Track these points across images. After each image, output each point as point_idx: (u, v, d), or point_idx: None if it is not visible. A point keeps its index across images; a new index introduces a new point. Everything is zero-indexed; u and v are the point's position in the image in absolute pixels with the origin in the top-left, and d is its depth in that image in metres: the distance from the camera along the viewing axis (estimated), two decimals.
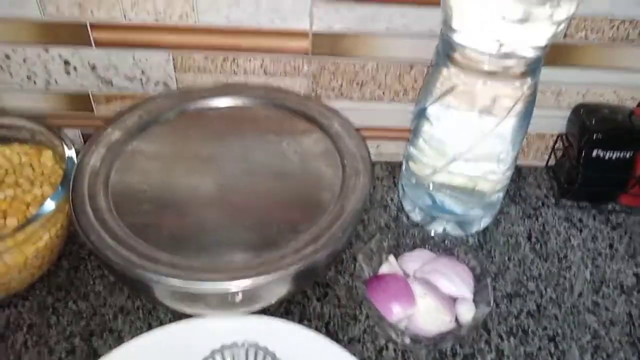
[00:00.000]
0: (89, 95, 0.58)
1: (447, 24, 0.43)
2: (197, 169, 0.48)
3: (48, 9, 0.51)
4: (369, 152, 0.49)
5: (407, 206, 0.56)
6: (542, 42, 0.41)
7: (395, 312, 0.42)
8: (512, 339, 0.47)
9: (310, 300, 0.48)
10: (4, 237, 0.42)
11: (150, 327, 0.45)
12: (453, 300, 0.44)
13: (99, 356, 0.42)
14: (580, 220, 0.58)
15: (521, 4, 0.37)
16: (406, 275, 0.47)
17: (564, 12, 0.39)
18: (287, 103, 0.54)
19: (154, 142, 0.50)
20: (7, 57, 0.55)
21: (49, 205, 0.44)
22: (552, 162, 0.63)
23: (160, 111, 0.52)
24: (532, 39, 0.41)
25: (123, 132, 0.50)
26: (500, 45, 0.40)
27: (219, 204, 0.45)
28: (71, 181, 0.45)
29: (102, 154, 0.47)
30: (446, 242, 0.49)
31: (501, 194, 0.54)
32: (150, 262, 0.39)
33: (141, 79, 0.57)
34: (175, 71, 0.56)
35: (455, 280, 0.44)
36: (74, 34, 0.53)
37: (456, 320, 0.44)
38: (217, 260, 0.40)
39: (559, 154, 0.62)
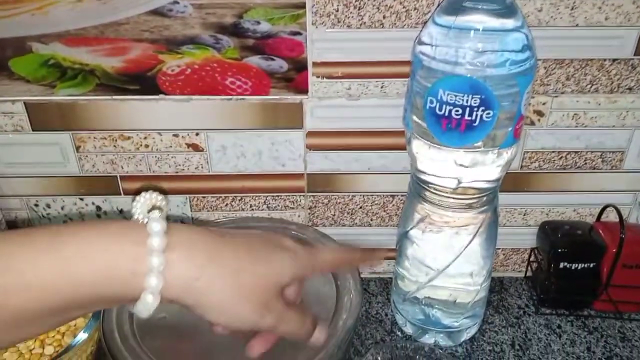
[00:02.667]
0: None
1: (414, 167, 0.53)
2: None
3: (85, 167, 0.62)
4: (359, 273, 0.56)
5: (399, 320, 0.62)
6: (494, 177, 0.50)
7: None
8: None
9: None
10: None
11: None
12: None
13: None
14: (559, 327, 0.63)
15: (469, 153, 0.47)
16: None
17: (505, 157, 0.48)
18: (287, 232, 0.62)
19: None
20: (48, 206, 0.65)
21: (82, 335, 0.51)
22: (529, 273, 0.70)
23: None
24: (484, 176, 0.50)
25: None
26: (459, 182, 0.49)
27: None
28: (102, 312, 0.52)
29: None
30: (435, 352, 0.55)
31: (482, 305, 0.60)
32: None
33: None
34: (191, 210, 0.65)
35: None
36: (106, 185, 0.63)
37: None
38: None
39: (534, 265, 0.69)
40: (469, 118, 0.44)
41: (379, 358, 0.54)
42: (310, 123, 0.59)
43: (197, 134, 0.60)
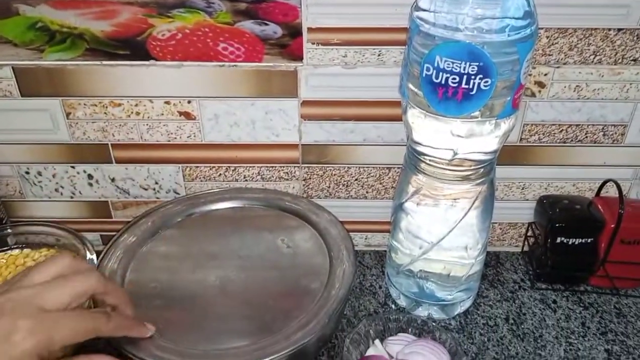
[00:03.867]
0: (108, 203, 0.66)
1: (410, 138, 0.51)
2: (201, 265, 0.55)
3: (76, 134, 0.61)
4: (353, 244, 0.56)
5: (393, 293, 0.62)
6: (491, 149, 0.49)
7: None
8: None
9: None
10: None
11: None
12: None
13: None
14: (554, 302, 0.63)
15: (466, 124, 0.46)
16: (390, 357, 0.52)
17: (503, 128, 0.47)
18: (281, 203, 0.61)
19: (164, 243, 0.57)
20: (39, 173, 0.64)
21: None
22: (526, 248, 0.69)
23: (170, 216, 0.60)
24: (481, 147, 0.49)
25: (137, 236, 0.57)
26: (455, 153, 0.48)
27: (220, 297, 0.51)
28: None
29: (119, 256, 0.55)
30: (428, 325, 0.54)
31: (476, 278, 0.59)
32: (159, 350, 0.45)
33: (154, 188, 0.65)
34: (184, 180, 0.64)
35: None
36: (97, 153, 0.62)
37: None
38: (218, 347, 0.46)
39: (531, 240, 0.68)
40: (466, 86, 0.43)
41: (371, 330, 0.54)
42: (305, 92, 0.58)
43: (189, 102, 0.58)
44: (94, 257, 0.55)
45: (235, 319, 0.49)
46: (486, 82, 0.43)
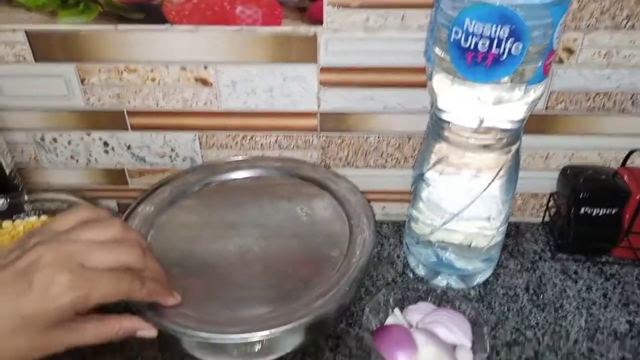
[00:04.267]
0: (124, 170, 0.66)
1: (434, 105, 0.50)
2: (220, 235, 0.54)
3: (91, 100, 0.60)
4: (373, 213, 0.55)
5: (412, 262, 0.61)
6: (518, 117, 0.48)
7: (399, 359, 0.47)
8: None
9: (322, 352, 0.52)
10: None
11: None
12: (453, 348, 0.49)
13: None
14: (576, 272, 0.62)
15: (494, 90, 0.44)
16: (410, 325, 0.51)
17: (532, 94, 0.45)
18: (300, 171, 0.60)
19: (182, 213, 0.57)
20: (55, 140, 0.63)
21: None
22: (547, 218, 0.68)
23: (187, 185, 0.59)
24: (508, 115, 0.47)
25: (155, 205, 0.56)
26: (481, 121, 0.47)
27: (240, 265, 0.51)
28: None
29: (137, 225, 0.54)
30: (448, 294, 0.54)
31: (497, 249, 0.59)
32: (180, 317, 0.44)
33: (170, 156, 0.64)
34: (200, 148, 0.63)
35: (454, 330, 0.49)
36: (112, 120, 0.61)
37: None
38: (238, 315, 0.46)
39: (553, 211, 0.67)
40: (497, 51, 0.41)
41: (391, 299, 0.54)
42: (325, 57, 0.56)
43: (205, 67, 0.57)
44: None
45: (255, 287, 0.49)
46: (517, 46, 0.41)
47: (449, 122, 0.49)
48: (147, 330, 0.43)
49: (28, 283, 0.35)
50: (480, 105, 0.46)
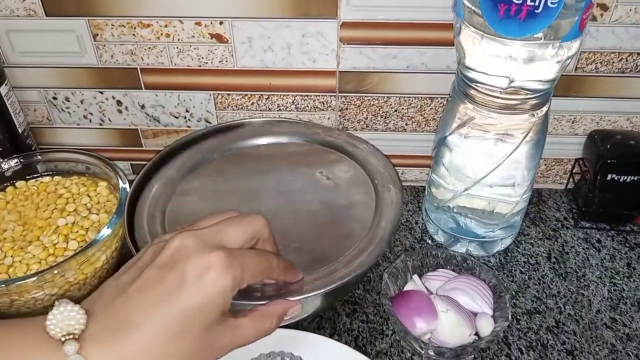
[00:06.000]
0: (138, 131, 0.64)
1: (461, 63, 0.47)
2: (243, 202, 0.52)
3: (104, 57, 0.58)
4: (396, 171, 0.54)
5: (431, 229, 0.60)
6: (549, 77, 0.45)
7: (419, 326, 0.46)
8: (531, 352, 0.49)
9: (340, 316, 0.52)
10: (69, 259, 0.47)
11: None
12: (473, 315, 0.48)
13: None
14: (599, 241, 0.60)
15: (526, 47, 0.42)
16: (429, 292, 0.50)
17: (566, 52, 0.43)
18: (316, 136, 0.58)
19: (200, 180, 0.55)
20: (67, 99, 0.62)
21: (106, 230, 0.49)
22: (570, 185, 0.66)
23: (208, 151, 0.57)
24: (539, 75, 0.45)
25: (177, 169, 0.55)
26: (510, 81, 0.44)
27: None
28: (125, 210, 0.50)
29: (157, 190, 0.53)
30: (468, 262, 0.53)
31: (520, 216, 0.57)
32: None
33: (185, 116, 0.62)
34: (215, 108, 0.62)
35: (475, 297, 0.48)
36: (126, 77, 0.59)
37: (476, 333, 0.47)
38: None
39: (577, 177, 0.65)
40: (532, 3, 0.39)
41: (409, 265, 0.53)
42: (346, 12, 0.53)
43: (220, 23, 0.55)
44: (127, 185, 0.54)
45: (286, 252, 0.47)
46: None
47: (476, 82, 0.47)
48: (295, 307, 0.40)
49: (180, 276, 0.32)
50: (511, 64, 0.43)
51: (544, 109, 0.48)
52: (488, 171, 0.50)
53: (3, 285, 0.44)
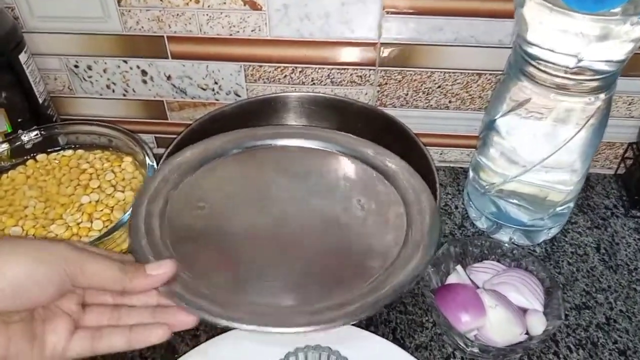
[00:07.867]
0: (163, 103, 0.61)
1: (521, 37, 0.43)
2: (254, 205, 0.46)
3: (129, 23, 0.54)
4: (429, 191, 0.46)
5: (473, 214, 0.56)
6: (620, 57, 0.41)
7: (465, 321, 0.43)
8: (581, 351, 0.46)
9: None
10: (94, 241, 0.45)
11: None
12: (523, 312, 0.44)
13: (177, 353, 0.44)
14: None
15: (600, 22, 0.37)
16: (475, 286, 0.47)
17: None
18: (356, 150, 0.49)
19: (217, 175, 0.48)
20: (89, 67, 0.59)
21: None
22: (621, 170, 0.62)
23: (228, 146, 0.50)
24: (610, 54, 0.40)
25: (189, 163, 0.48)
26: (578, 60, 0.40)
27: (269, 243, 0.43)
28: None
29: (173, 171, 0.47)
30: (514, 252, 0.49)
31: (571, 205, 0.53)
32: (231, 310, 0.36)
33: (213, 88, 0.59)
34: (245, 81, 0.58)
35: (526, 293, 0.44)
36: (151, 46, 0.56)
37: (526, 332, 0.44)
38: (259, 303, 0.38)
39: (629, 162, 0.60)
40: None
41: (452, 253, 0.49)
42: None
43: None
44: (154, 163, 0.51)
45: (281, 271, 0.41)
46: None
47: (538, 59, 0.42)
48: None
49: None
50: (580, 41, 0.39)
51: (610, 91, 0.44)
52: (545, 156, 0.46)
53: None
